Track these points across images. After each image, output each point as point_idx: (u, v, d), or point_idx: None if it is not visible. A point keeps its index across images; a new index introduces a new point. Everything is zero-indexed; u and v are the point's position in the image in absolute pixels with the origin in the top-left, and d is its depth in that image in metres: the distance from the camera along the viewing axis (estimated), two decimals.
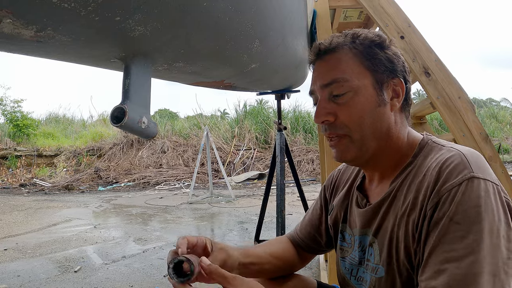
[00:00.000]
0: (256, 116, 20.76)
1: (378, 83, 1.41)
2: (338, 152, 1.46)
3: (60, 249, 6.59)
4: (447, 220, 1.16)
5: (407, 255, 1.30)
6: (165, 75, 1.95)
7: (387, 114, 1.42)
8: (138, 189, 14.88)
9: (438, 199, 1.20)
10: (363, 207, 1.56)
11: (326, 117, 1.42)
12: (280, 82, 3.94)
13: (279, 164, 5.11)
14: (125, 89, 1.36)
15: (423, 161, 1.37)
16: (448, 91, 3.37)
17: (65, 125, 23.61)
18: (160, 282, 5.04)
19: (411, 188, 1.34)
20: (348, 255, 1.65)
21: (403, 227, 1.32)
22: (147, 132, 1.45)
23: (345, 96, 1.39)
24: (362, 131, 1.40)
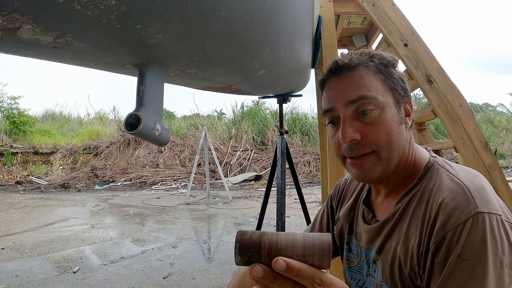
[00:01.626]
0: (253, 117, 20.75)
1: (397, 101, 1.41)
2: (362, 171, 1.42)
3: (58, 249, 6.58)
4: (455, 257, 1.17)
5: (411, 278, 1.31)
6: (175, 80, 1.94)
7: (404, 132, 1.42)
8: (134, 189, 14.86)
9: (443, 235, 1.21)
10: (370, 221, 1.56)
11: (355, 136, 1.37)
12: (284, 87, 3.93)
13: (279, 168, 5.10)
14: (140, 96, 1.35)
15: (428, 184, 1.37)
16: (449, 99, 3.37)
17: (62, 123, 23.56)
18: (159, 284, 5.04)
19: (416, 213, 1.34)
20: (355, 265, 1.65)
21: (409, 252, 1.32)
22: (160, 139, 1.45)
23: (372, 114, 1.37)
24: (389, 150, 1.38)
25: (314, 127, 19.84)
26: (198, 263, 5.94)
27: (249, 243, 0.93)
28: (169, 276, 5.35)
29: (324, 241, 0.92)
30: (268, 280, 0.88)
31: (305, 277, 0.88)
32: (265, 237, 0.93)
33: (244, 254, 0.92)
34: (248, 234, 0.94)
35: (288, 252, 0.91)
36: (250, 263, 0.92)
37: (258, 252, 0.92)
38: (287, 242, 0.93)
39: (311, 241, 0.93)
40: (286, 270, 0.87)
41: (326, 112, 1.46)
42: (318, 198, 11.56)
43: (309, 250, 0.91)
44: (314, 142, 19.07)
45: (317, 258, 0.91)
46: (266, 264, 0.90)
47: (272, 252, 0.91)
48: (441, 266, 1.19)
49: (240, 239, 0.93)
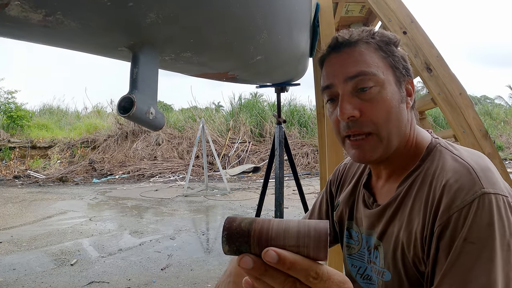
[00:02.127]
0: (251, 109, 20.72)
1: (398, 79, 1.37)
2: (362, 152, 1.37)
3: (55, 242, 6.55)
4: (461, 240, 1.12)
5: (414, 263, 1.27)
6: (170, 65, 1.90)
7: (405, 112, 1.38)
8: (132, 181, 14.84)
9: (448, 217, 1.16)
10: (371, 206, 1.52)
11: (353, 113, 1.33)
12: (282, 75, 3.89)
13: (278, 158, 5.07)
14: (133, 78, 1.31)
15: (430, 166, 1.33)
16: (449, 87, 3.34)
17: (59, 117, 23.50)
18: (157, 275, 5.01)
19: (418, 196, 1.30)
20: (356, 252, 1.60)
21: (412, 236, 1.28)
22: (155, 123, 1.41)
23: (372, 91, 1.32)
24: (388, 128, 1.33)
25: (312, 119, 19.81)
26: (196, 255, 5.92)
27: (238, 231, 0.83)
28: (167, 268, 5.33)
29: (321, 230, 0.81)
30: (258, 272, 0.78)
31: (298, 270, 0.77)
32: (256, 224, 0.84)
33: (232, 243, 0.83)
34: (237, 221, 0.85)
35: (280, 242, 0.81)
36: (240, 253, 0.82)
37: (247, 241, 0.82)
38: (279, 230, 0.83)
39: (306, 229, 0.82)
40: (278, 262, 0.76)
41: (325, 89, 1.42)
42: (316, 189, 11.54)
43: (304, 240, 0.81)
44: (312, 134, 19.05)
45: (312, 249, 0.81)
46: (257, 255, 0.81)
47: (262, 241, 0.82)
48: (446, 251, 1.15)
49: (228, 226, 0.84)
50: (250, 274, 0.81)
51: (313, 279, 0.78)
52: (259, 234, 0.82)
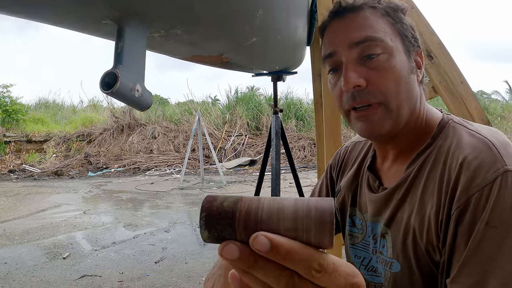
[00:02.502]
0: (248, 102, 20.66)
1: (407, 48, 1.25)
2: (370, 124, 1.24)
3: (48, 235, 6.46)
4: (483, 224, 1.01)
5: (428, 252, 1.15)
6: (161, 45, 1.81)
7: (416, 84, 1.26)
8: (128, 175, 14.76)
9: (467, 198, 1.04)
10: (376, 190, 1.39)
11: (359, 82, 1.20)
12: (278, 62, 3.82)
13: (274, 148, 4.99)
14: (118, 52, 1.22)
15: (444, 143, 1.21)
16: (450, 75, 3.25)
17: (55, 111, 23.42)
18: (151, 269, 4.93)
19: (431, 177, 1.18)
20: (360, 241, 1.48)
21: (426, 222, 1.15)
22: (140, 101, 1.31)
23: (380, 58, 1.19)
24: (398, 99, 1.21)
25: (308, 112, 19.77)
26: (191, 247, 5.84)
27: (219, 212, 0.61)
28: (161, 261, 5.25)
29: (324, 209, 0.59)
30: (245, 263, 0.56)
31: (297, 260, 0.55)
32: (242, 203, 0.62)
33: (213, 228, 0.61)
34: (219, 200, 0.63)
35: (272, 225, 0.60)
36: (223, 240, 0.61)
37: (232, 224, 0.60)
38: (271, 210, 0.61)
39: (305, 209, 0.60)
40: (270, 250, 0.55)
41: (326, 57, 1.28)
42: (313, 182, 11.47)
43: (303, 222, 0.59)
44: (309, 128, 19.01)
45: (314, 233, 0.58)
46: (244, 242, 0.59)
47: (250, 224, 0.60)
48: (466, 237, 1.03)
49: (207, 206, 0.62)
50: (236, 266, 0.58)
51: (316, 271, 0.55)
52: (246, 215, 0.60)
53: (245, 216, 0.60)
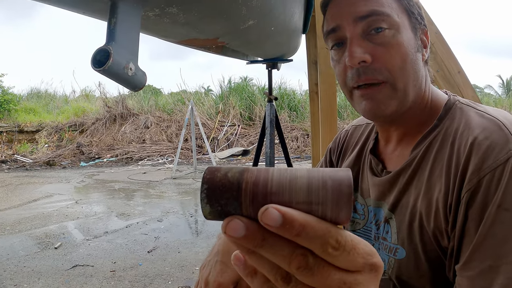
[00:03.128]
0: (241, 92, 20.63)
1: (413, 26, 1.20)
2: (374, 104, 1.18)
3: (40, 225, 6.41)
4: (494, 207, 0.96)
5: (435, 236, 1.10)
6: (155, 25, 1.75)
7: (421, 63, 1.21)
8: (121, 165, 14.72)
9: (478, 180, 0.99)
10: (379, 174, 1.34)
11: (364, 57, 1.14)
12: (273, 49, 3.77)
13: (268, 136, 4.95)
14: (111, 29, 1.17)
15: (451, 124, 1.16)
16: (447, 64, 3.22)
17: (47, 101, 23.34)
18: (144, 258, 4.89)
19: (438, 159, 1.14)
20: (361, 228, 1.43)
21: (433, 206, 1.11)
22: (134, 80, 1.26)
23: (386, 34, 1.14)
24: (405, 78, 1.16)
25: (302, 103, 19.77)
26: (184, 237, 5.80)
27: (223, 184, 0.53)
28: (154, 250, 5.21)
29: (342, 180, 0.51)
30: (253, 241, 0.49)
31: (312, 236, 0.48)
32: (249, 174, 0.53)
33: (216, 201, 0.52)
34: (223, 170, 0.54)
35: (284, 197, 0.51)
36: (227, 215, 0.52)
37: (237, 197, 0.52)
38: (282, 181, 0.52)
39: (320, 180, 0.52)
40: (282, 225, 0.47)
41: (329, 33, 1.22)
42: None
43: (318, 194, 0.51)
44: (302, 118, 19.01)
45: (331, 207, 0.51)
46: (251, 217, 0.51)
47: (258, 197, 0.51)
48: (477, 220, 0.98)
49: (209, 177, 0.54)
50: (241, 245, 0.50)
51: (333, 249, 0.48)
52: (254, 187, 0.52)
53: (252, 187, 0.52)
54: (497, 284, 0.93)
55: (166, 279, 4.29)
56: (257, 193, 0.51)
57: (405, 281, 1.21)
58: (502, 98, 27.36)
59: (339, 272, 0.49)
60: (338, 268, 0.49)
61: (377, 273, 0.52)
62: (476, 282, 0.97)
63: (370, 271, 0.51)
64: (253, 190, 0.51)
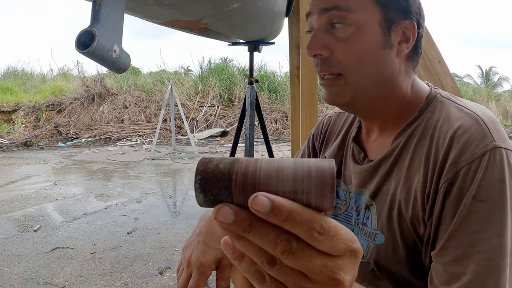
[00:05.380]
0: (221, 73, 20.57)
1: (387, 21, 1.19)
2: (329, 94, 1.25)
3: (18, 208, 6.37)
4: (470, 198, 1.00)
5: (412, 224, 1.15)
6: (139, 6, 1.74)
7: (390, 59, 1.21)
8: (99, 145, 14.63)
9: (455, 172, 1.03)
10: (361, 162, 1.37)
11: (320, 51, 1.19)
12: (256, 31, 3.76)
13: (248, 118, 4.96)
14: (95, 10, 1.17)
15: (431, 117, 1.19)
16: (428, 53, 3.24)
17: (24, 80, 23.05)
18: (123, 239, 4.90)
19: (418, 150, 1.17)
20: (342, 213, 1.46)
21: (412, 194, 1.14)
22: (118, 62, 1.27)
23: (345, 30, 1.16)
24: (359, 74, 1.19)
25: (281, 85, 19.77)
26: (163, 218, 5.82)
27: (215, 174, 0.58)
28: (134, 232, 5.22)
29: (325, 170, 0.56)
30: (241, 227, 0.53)
31: (298, 222, 0.52)
32: (239, 165, 0.59)
33: (209, 191, 0.58)
34: (214, 161, 0.60)
35: (271, 186, 0.56)
36: (218, 203, 0.57)
37: (228, 187, 0.57)
38: (269, 171, 0.58)
39: (305, 170, 0.57)
40: (271, 212, 0.51)
41: (306, 17, 1.27)
42: (285, 154, 11.49)
43: (303, 184, 0.56)
44: (282, 100, 19.03)
45: (315, 195, 0.55)
46: (241, 205, 0.56)
47: (248, 186, 0.57)
48: (453, 209, 1.02)
49: (202, 169, 0.59)
50: (230, 230, 0.55)
51: (318, 234, 0.52)
52: (244, 177, 0.57)
53: (242, 178, 0.57)
54: (469, 270, 0.97)
55: (146, 260, 4.31)
56: (246, 183, 0.56)
57: (383, 266, 1.24)
58: (481, 88, 27.70)
59: (321, 256, 0.53)
60: (321, 252, 0.53)
61: (356, 258, 0.55)
62: (450, 268, 1.01)
63: (351, 256, 0.55)
64: (243, 180, 0.56)
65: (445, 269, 1.02)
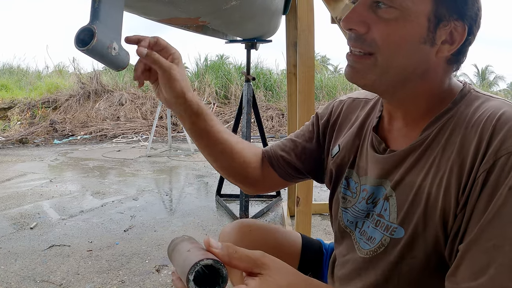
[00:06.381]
0: (217, 70, 20.52)
1: (437, 17, 1.14)
2: (352, 71, 1.22)
3: (14, 205, 6.33)
4: (506, 189, 0.97)
5: (442, 217, 1.12)
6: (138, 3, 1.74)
7: (428, 56, 1.17)
8: (95, 142, 14.58)
9: (494, 161, 1.01)
10: (381, 152, 1.36)
11: (357, 26, 1.16)
12: (254, 28, 3.77)
13: (245, 116, 4.96)
14: (95, 7, 1.17)
15: (465, 109, 1.17)
16: None
17: (20, 76, 22.96)
18: (120, 237, 4.88)
19: (451, 140, 1.14)
20: (351, 206, 1.46)
21: (443, 186, 1.11)
22: (117, 60, 1.27)
23: (390, 12, 1.12)
24: (390, 60, 1.15)
25: (278, 83, 19.73)
26: (160, 215, 5.80)
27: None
28: (130, 229, 5.20)
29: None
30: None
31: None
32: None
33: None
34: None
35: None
36: None
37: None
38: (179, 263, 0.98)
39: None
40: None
41: None
42: None
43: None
44: (278, 98, 19.00)
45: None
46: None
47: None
48: (488, 199, 1.00)
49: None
50: None
51: None
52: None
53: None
54: (496, 263, 0.95)
55: (143, 258, 4.30)
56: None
57: (394, 262, 1.23)
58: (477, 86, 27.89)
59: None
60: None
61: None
62: (478, 258, 0.99)
63: None
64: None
65: (472, 261, 1.00)
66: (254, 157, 1.82)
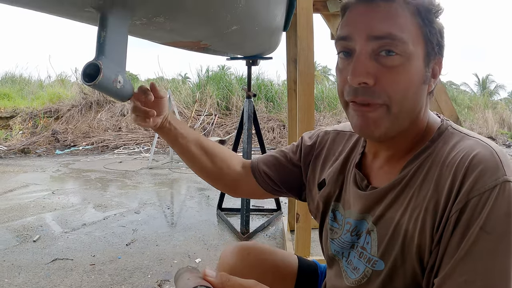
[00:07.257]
0: (218, 81, 20.54)
1: (428, 56, 1.20)
2: (365, 122, 1.21)
3: (17, 217, 6.36)
4: (477, 228, 1.03)
5: (418, 252, 1.17)
6: (142, 31, 1.78)
7: (424, 94, 1.24)
8: (96, 153, 14.61)
9: (466, 201, 1.06)
10: (363, 189, 1.40)
11: (366, 78, 1.16)
12: (255, 47, 3.80)
13: (246, 132, 4.99)
14: (100, 43, 1.20)
15: (442, 147, 1.21)
16: None
17: (22, 86, 23.00)
18: (122, 251, 4.90)
19: (428, 178, 1.18)
20: (338, 237, 1.50)
21: (419, 223, 1.16)
22: (122, 93, 1.31)
23: (395, 59, 1.15)
24: (402, 106, 1.19)
25: (279, 94, 19.75)
26: (162, 229, 5.82)
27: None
28: (132, 243, 5.21)
29: None
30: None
31: None
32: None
33: None
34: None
35: None
36: None
37: None
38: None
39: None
40: None
41: (340, 39, 1.23)
42: None
43: None
44: (279, 109, 19.01)
45: None
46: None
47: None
48: (460, 237, 1.06)
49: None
50: None
51: None
52: None
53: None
54: None
55: (145, 273, 4.31)
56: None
57: None
58: (478, 96, 27.80)
59: None
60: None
61: None
62: None
63: None
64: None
65: None
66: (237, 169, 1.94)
